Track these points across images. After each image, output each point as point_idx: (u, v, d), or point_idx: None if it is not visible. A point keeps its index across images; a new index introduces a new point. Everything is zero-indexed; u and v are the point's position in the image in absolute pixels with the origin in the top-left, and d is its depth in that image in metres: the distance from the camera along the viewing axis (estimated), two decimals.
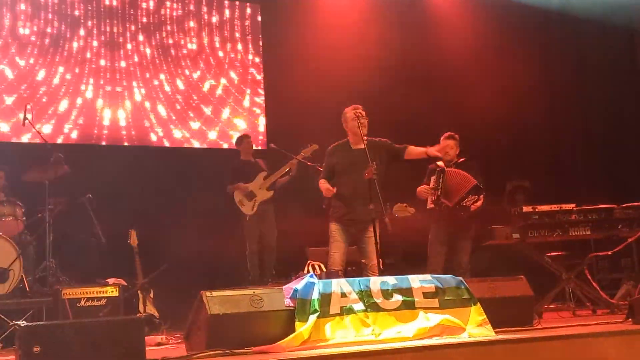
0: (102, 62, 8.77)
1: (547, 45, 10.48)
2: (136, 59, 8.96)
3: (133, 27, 9.00)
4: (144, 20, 9.06)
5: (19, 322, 3.61)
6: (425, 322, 4.75)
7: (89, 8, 8.79)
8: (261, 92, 9.59)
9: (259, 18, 9.71)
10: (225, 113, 9.33)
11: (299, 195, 7.94)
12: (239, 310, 4.59)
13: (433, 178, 6.79)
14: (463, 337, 4.64)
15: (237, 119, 9.39)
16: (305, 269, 5.39)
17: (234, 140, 8.63)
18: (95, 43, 8.79)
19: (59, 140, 8.36)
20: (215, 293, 4.64)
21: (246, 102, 9.47)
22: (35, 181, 7.09)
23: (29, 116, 6.93)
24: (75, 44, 8.69)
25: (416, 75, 9.81)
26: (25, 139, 8.18)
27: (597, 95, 10.57)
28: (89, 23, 8.77)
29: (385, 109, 9.07)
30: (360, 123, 5.94)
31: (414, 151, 6.09)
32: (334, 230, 6.06)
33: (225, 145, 9.20)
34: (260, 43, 9.67)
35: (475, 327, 4.81)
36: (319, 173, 6.45)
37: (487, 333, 4.76)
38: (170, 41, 9.16)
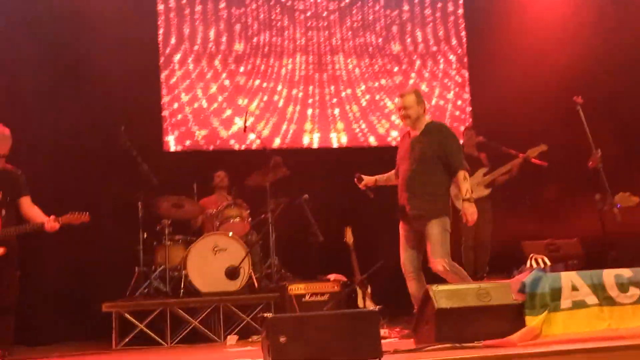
0: (310, 72, 9.14)
1: None
2: (341, 60, 9.23)
3: (339, 35, 9.26)
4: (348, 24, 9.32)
5: (266, 314, 3.85)
6: None
7: (290, 20, 9.19)
8: (467, 88, 9.51)
9: (461, 11, 9.61)
10: (431, 108, 9.35)
11: (514, 189, 7.73)
12: (466, 304, 4.60)
13: None
14: None
15: (441, 111, 9.37)
16: (528, 262, 5.24)
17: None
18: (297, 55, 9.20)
19: (275, 145, 8.80)
20: (441, 287, 4.69)
21: (451, 96, 9.42)
22: (257, 184, 7.56)
23: (249, 123, 7.41)
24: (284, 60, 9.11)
25: (632, 60, 9.14)
26: (244, 145, 8.72)
27: None
28: (298, 34, 9.16)
29: (597, 98, 8.58)
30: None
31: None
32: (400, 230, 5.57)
33: None
34: (464, 37, 9.56)
35: None
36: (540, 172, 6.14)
37: None
38: (372, 41, 9.33)
